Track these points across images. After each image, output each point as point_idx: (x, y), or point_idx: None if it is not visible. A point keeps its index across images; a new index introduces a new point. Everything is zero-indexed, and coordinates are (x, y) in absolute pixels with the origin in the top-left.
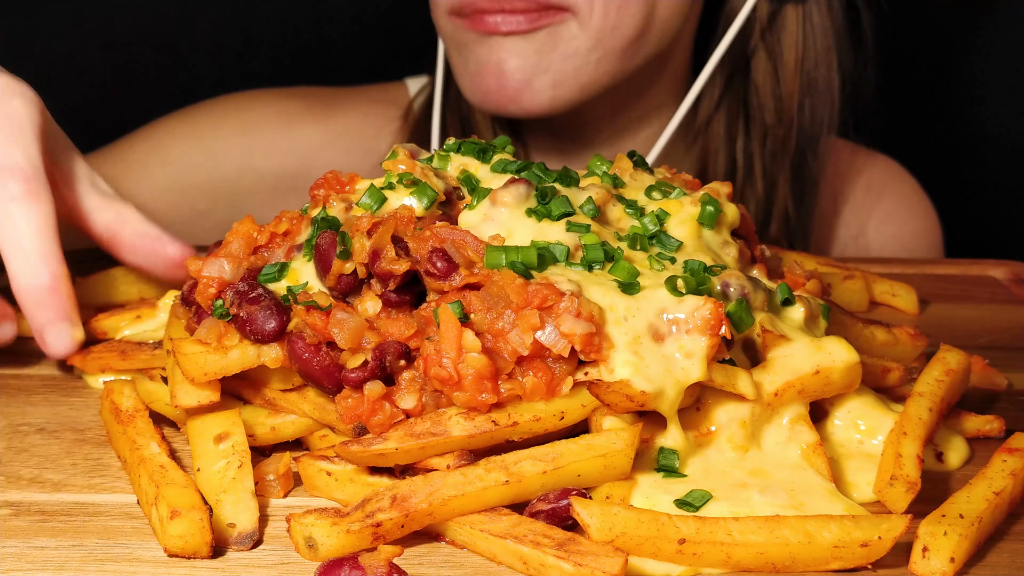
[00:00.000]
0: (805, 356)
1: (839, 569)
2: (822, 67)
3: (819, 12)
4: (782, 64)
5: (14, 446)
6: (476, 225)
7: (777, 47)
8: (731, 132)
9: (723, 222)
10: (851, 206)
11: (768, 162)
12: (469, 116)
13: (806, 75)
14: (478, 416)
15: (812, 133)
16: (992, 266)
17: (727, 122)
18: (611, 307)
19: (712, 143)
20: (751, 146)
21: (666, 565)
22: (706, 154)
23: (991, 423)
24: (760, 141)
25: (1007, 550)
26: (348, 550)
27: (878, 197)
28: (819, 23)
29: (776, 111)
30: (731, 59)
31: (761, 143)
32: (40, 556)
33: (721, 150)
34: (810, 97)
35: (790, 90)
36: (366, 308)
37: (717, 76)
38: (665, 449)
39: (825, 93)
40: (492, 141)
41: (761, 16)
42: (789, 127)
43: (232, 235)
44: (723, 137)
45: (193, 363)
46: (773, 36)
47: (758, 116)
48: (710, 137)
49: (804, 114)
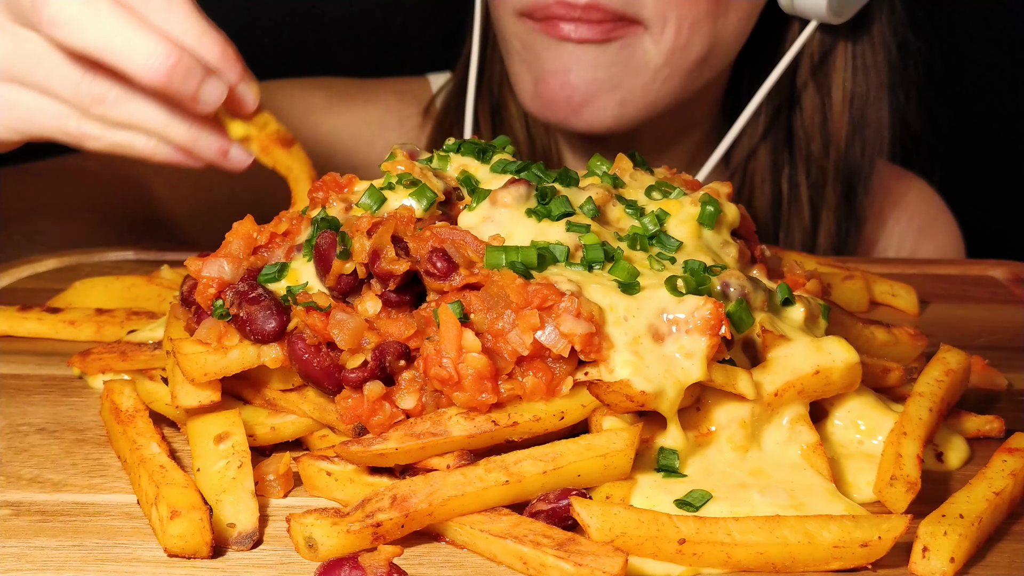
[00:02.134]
0: (805, 356)
1: (839, 569)
2: (873, 104)
3: (871, 50)
4: (830, 101)
5: (14, 446)
6: (476, 226)
7: (826, 82)
8: (776, 162)
9: (723, 222)
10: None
11: (814, 193)
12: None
13: (856, 112)
14: (478, 416)
15: (860, 166)
16: (992, 266)
17: (772, 152)
18: (611, 307)
19: (757, 173)
20: (796, 176)
21: (666, 565)
22: (751, 183)
23: (991, 423)
24: (806, 172)
25: (1007, 550)
26: (348, 550)
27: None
28: (871, 61)
29: (823, 144)
30: (778, 90)
31: (807, 174)
32: (40, 556)
33: (766, 180)
34: (860, 134)
35: (838, 125)
36: (366, 308)
37: (762, 111)
38: (665, 449)
39: (875, 130)
40: (492, 141)
41: (812, 50)
42: (837, 161)
43: (232, 235)
44: (768, 167)
45: (193, 363)
46: (823, 71)
47: (804, 148)
48: (755, 167)
49: (853, 149)
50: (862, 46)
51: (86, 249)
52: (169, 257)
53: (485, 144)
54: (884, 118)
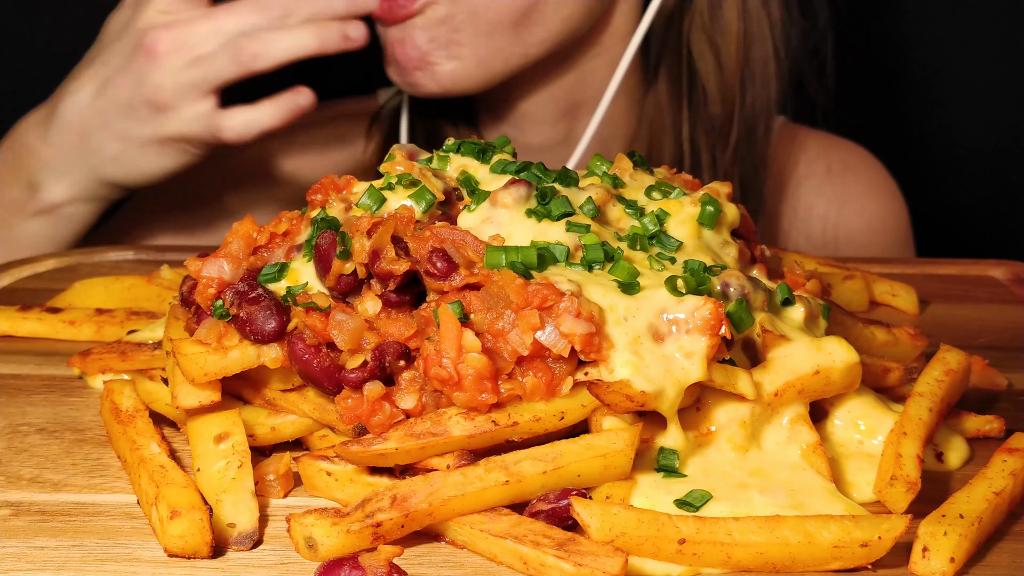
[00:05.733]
0: (805, 356)
1: (839, 569)
2: (759, 48)
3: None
4: (724, 47)
5: (14, 446)
6: (476, 226)
7: (716, 27)
8: (676, 121)
9: (723, 222)
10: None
11: (715, 151)
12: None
13: (746, 58)
14: (478, 416)
15: (753, 117)
16: (992, 266)
17: (671, 111)
18: (611, 307)
19: (656, 132)
20: (695, 134)
21: (666, 565)
22: (651, 143)
23: (991, 423)
24: (705, 129)
25: (1007, 550)
26: (348, 550)
27: (840, 179)
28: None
29: (721, 97)
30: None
31: (706, 131)
32: (40, 556)
33: (667, 138)
34: (751, 82)
35: (731, 74)
36: (366, 308)
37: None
38: (665, 449)
39: (764, 76)
40: (492, 141)
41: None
42: (730, 112)
43: (232, 235)
44: (668, 127)
45: (193, 364)
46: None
47: (701, 102)
48: (655, 125)
49: (746, 99)
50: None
51: (86, 249)
52: (169, 257)
53: (485, 144)
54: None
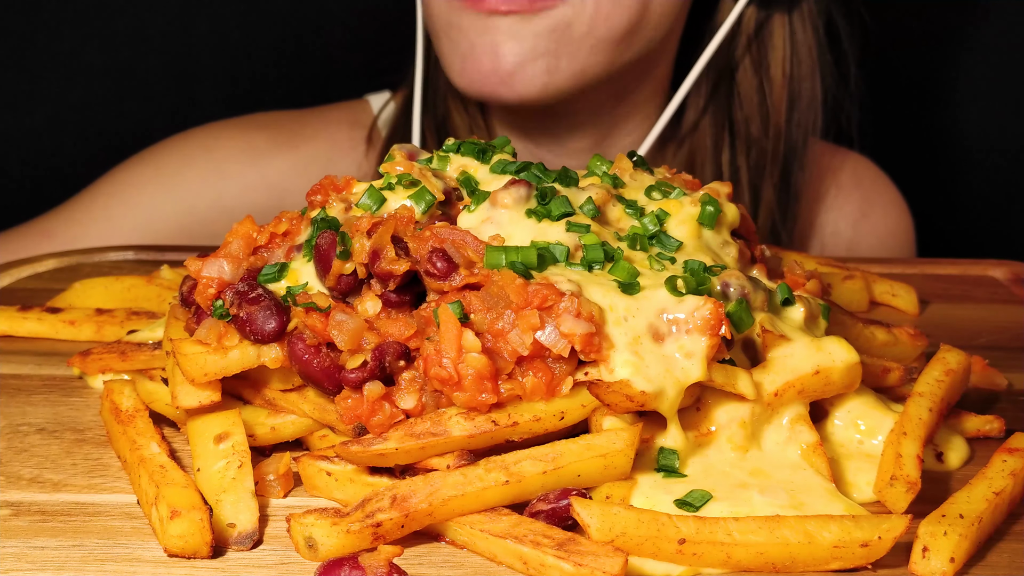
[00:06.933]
0: (805, 356)
1: (839, 569)
2: (807, 80)
3: (803, 26)
4: (768, 77)
5: (14, 446)
6: (476, 227)
7: (764, 59)
8: (717, 144)
9: (723, 222)
10: (825, 205)
11: (753, 174)
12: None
13: (793, 88)
14: (478, 416)
15: (797, 145)
16: (992, 266)
17: (713, 133)
18: (611, 307)
19: (698, 154)
20: (737, 158)
21: (666, 565)
22: (692, 165)
23: (991, 423)
24: (745, 153)
25: (1007, 550)
26: (348, 550)
27: (849, 195)
28: (802, 37)
29: (762, 124)
30: (716, 69)
31: (746, 155)
32: (40, 556)
33: (707, 162)
34: (796, 110)
35: (777, 102)
36: (366, 308)
37: (702, 85)
38: (665, 449)
39: (810, 105)
40: (491, 141)
41: (747, 27)
42: (776, 140)
43: (232, 235)
44: (709, 149)
45: (193, 364)
46: (759, 48)
47: (743, 128)
48: (696, 148)
49: (791, 127)
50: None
51: (86, 249)
52: (169, 257)
53: (485, 144)
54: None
